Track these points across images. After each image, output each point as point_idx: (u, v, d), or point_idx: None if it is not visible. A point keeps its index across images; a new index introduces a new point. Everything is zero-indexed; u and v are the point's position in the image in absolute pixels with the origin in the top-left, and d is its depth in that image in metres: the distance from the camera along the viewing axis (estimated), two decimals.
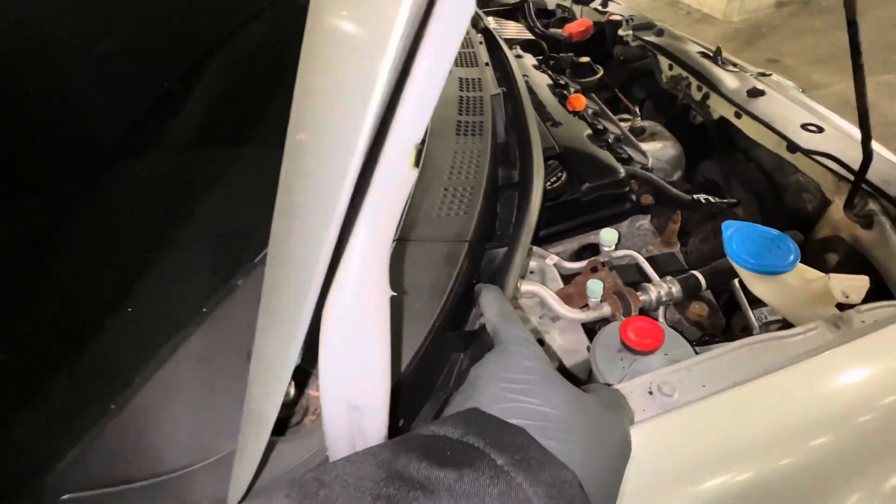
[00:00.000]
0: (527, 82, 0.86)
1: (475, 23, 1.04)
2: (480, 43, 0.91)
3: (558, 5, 1.40)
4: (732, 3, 2.91)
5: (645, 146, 0.86)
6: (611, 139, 0.78)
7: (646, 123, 0.95)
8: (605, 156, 0.69)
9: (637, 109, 1.09)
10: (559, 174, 0.66)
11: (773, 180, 0.77)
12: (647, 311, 0.54)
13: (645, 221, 0.71)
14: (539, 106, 0.80)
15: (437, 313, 0.37)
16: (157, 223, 0.42)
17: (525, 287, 0.52)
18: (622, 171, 0.67)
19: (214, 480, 0.28)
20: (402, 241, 0.43)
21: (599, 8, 1.30)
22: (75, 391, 0.34)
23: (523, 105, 0.69)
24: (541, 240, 0.66)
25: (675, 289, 0.54)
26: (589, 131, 0.75)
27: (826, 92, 2.20)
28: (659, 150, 0.89)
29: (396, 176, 0.20)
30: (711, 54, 0.91)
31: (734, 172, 0.87)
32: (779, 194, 0.76)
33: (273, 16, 0.58)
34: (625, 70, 1.15)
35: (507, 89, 0.76)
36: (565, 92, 0.88)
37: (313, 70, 0.19)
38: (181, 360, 0.35)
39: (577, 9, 1.34)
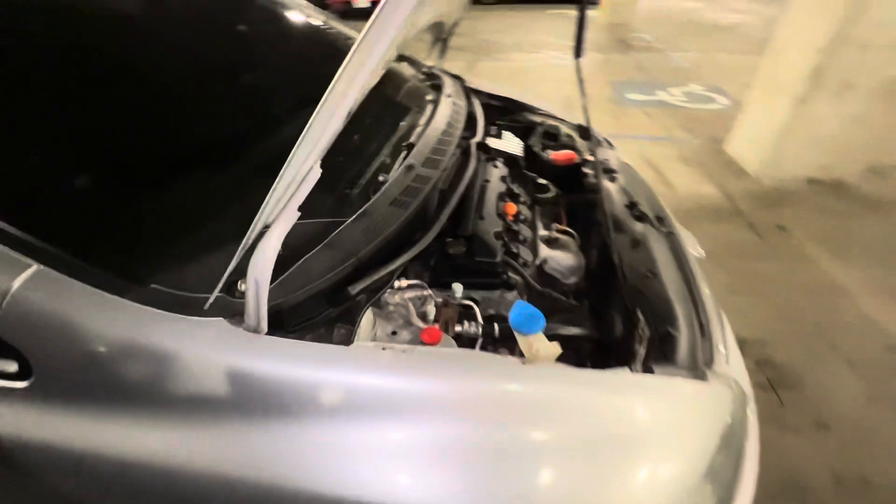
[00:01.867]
0: (483, 185, 1.29)
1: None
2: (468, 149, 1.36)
3: (567, 134, 1.84)
4: (767, 167, 3.22)
5: (548, 251, 1.25)
6: (519, 238, 1.18)
7: (561, 237, 1.33)
8: (494, 245, 1.09)
9: (566, 227, 1.45)
10: (461, 247, 1.07)
11: None
12: (462, 335, 0.92)
13: (510, 295, 1.09)
14: (479, 204, 1.22)
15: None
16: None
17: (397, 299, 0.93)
18: (498, 257, 1.06)
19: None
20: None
21: (605, 142, 1.73)
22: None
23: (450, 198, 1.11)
24: (441, 283, 1.06)
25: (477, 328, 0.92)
26: (499, 229, 1.15)
27: (815, 266, 2.44)
28: (559, 257, 1.27)
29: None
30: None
31: None
32: None
33: None
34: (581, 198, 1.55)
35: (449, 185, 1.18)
36: (507, 199, 1.30)
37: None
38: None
39: (581, 143, 1.77)
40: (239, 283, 0.75)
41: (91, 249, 0.72)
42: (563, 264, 1.26)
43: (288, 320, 0.76)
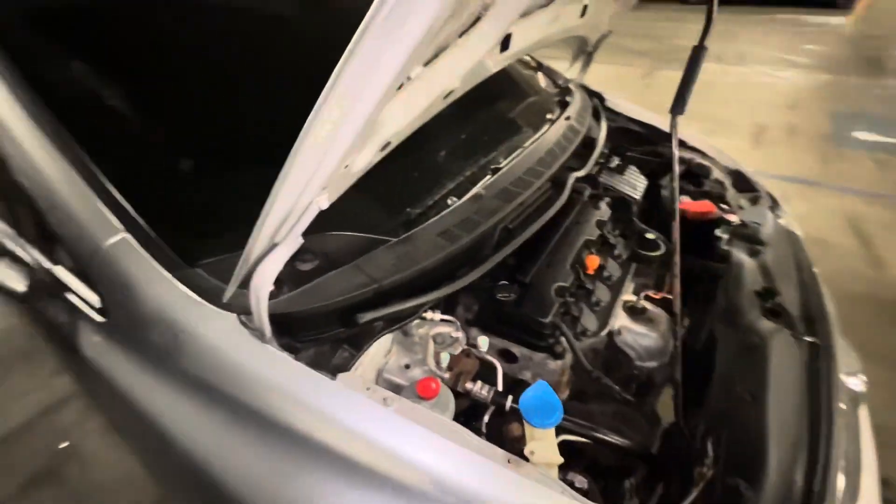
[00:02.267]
0: (571, 227, 1.13)
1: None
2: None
3: (716, 180, 1.50)
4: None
5: (626, 321, 1.04)
6: (591, 299, 1.01)
7: (651, 309, 1.09)
8: (549, 301, 0.94)
9: (664, 296, 1.17)
10: (511, 294, 0.96)
11: None
12: (472, 394, 0.83)
13: (554, 364, 0.94)
14: (554, 250, 1.07)
15: None
16: None
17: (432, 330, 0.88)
18: (548, 319, 0.92)
19: None
20: None
21: (743, 201, 1.38)
22: None
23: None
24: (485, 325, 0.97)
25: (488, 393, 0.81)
26: (565, 283, 1.00)
27: None
28: (640, 335, 1.04)
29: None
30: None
31: None
32: None
33: None
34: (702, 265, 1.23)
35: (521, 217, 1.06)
36: (593, 249, 1.11)
37: None
38: None
39: (733, 195, 1.41)
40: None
41: (165, 223, 0.85)
42: (640, 343, 1.04)
43: (297, 330, 0.78)
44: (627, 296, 1.12)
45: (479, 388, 0.82)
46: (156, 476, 0.96)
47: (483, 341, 0.89)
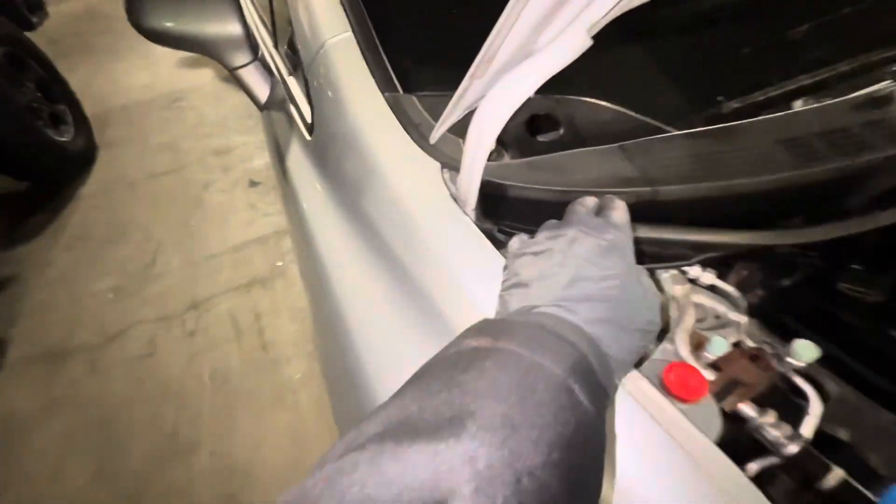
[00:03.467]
0: None
1: None
2: None
3: None
4: None
5: None
6: None
7: None
8: None
9: None
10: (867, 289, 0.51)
11: None
12: (746, 424, 0.47)
13: None
14: None
15: None
16: None
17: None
18: None
19: None
20: None
21: None
22: None
23: None
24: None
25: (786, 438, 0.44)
26: None
27: None
28: None
29: None
30: None
31: None
32: None
33: None
34: None
35: None
36: None
37: None
38: None
39: None
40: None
41: (393, 32, 0.67)
42: None
43: (507, 214, 0.54)
44: None
45: (766, 422, 0.45)
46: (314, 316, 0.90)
47: (803, 349, 0.49)
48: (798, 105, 0.62)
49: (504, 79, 0.42)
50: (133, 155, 2.57)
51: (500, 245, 0.50)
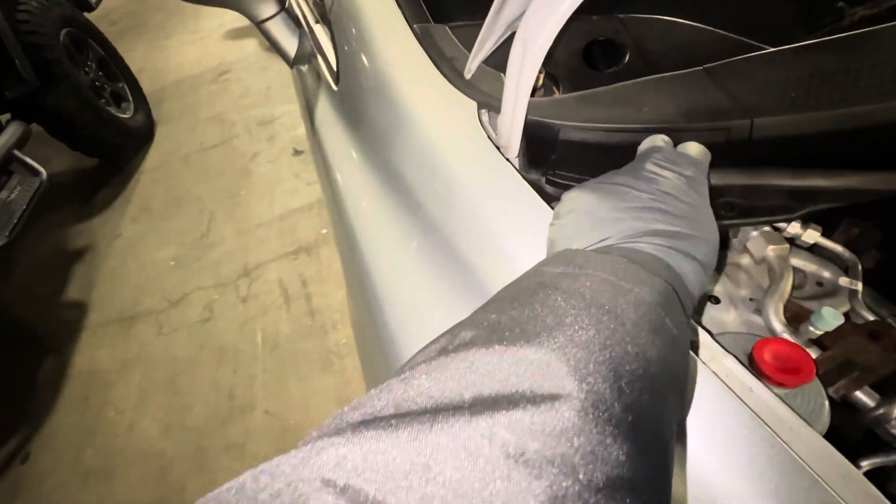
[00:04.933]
0: None
1: None
2: None
3: None
4: None
5: None
6: None
7: None
8: None
9: None
10: None
11: None
12: (858, 410, 0.38)
13: None
14: None
15: None
16: None
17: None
18: None
19: None
20: None
21: None
22: None
23: None
24: None
25: None
26: None
27: None
28: None
29: None
30: None
31: None
32: None
33: None
34: None
35: None
36: None
37: None
38: None
39: None
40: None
41: None
42: None
43: (553, 162, 0.45)
44: None
45: (882, 416, 0.36)
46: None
47: None
48: None
49: None
50: (186, 129, 2.67)
51: (548, 198, 0.42)
